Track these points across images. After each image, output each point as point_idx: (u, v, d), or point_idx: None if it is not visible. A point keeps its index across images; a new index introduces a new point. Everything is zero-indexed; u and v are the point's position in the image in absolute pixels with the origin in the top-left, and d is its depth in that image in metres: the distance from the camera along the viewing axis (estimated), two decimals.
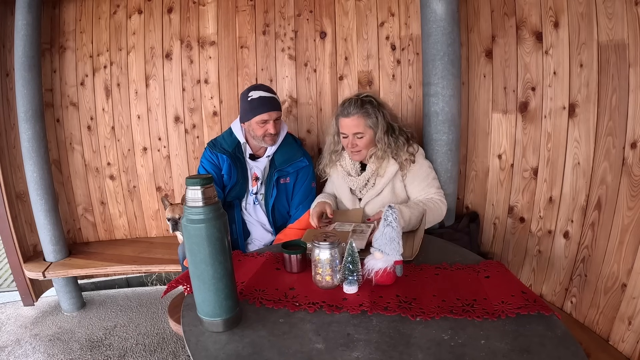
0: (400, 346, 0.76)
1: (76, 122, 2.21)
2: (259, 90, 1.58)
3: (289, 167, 1.65)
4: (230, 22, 2.11)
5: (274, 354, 0.76)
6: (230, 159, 1.66)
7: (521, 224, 1.71)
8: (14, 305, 2.27)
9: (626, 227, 1.26)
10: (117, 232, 2.37)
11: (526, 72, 1.61)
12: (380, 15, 1.98)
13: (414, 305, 0.89)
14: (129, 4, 2.12)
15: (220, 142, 1.70)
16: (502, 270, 1.05)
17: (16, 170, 2.12)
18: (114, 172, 2.28)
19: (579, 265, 1.45)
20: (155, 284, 2.48)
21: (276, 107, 1.59)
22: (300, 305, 0.91)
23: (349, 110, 1.47)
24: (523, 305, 0.86)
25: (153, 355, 1.80)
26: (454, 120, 1.70)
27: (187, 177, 0.79)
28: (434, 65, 1.66)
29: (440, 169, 1.70)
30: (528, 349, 0.74)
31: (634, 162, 1.23)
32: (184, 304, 0.94)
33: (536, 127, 1.59)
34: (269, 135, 1.58)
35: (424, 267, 1.09)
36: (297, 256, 1.08)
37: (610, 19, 1.27)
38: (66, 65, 2.15)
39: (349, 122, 1.47)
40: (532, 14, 1.56)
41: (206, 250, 0.78)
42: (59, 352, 1.83)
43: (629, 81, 1.23)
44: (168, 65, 2.17)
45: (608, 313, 1.32)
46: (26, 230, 2.17)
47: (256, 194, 1.70)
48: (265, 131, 1.57)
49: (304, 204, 1.66)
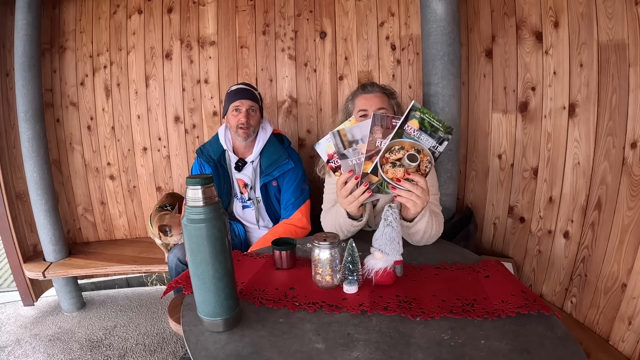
0: (400, 346, 0.76)
1: (76, 122, 2.22)
2: (240, 84, 1.66)
3: (274, 170, 1.63)
4: (230, 22, 2.11)
5: (274, 353, 0.75)
6: (214, 169, 1.66)
7: (521, 224, 1.71)
8: (14, 305, 2.27)
9: (626, 227, 1.26)
10: (117, 232, 2.37)
11: (526, 72, 1.61)
12: (380, 15, 1.98)
13: (414, 305, 0.89)
14: (129, 4, 2.12)
15: (207, 148, 1.70)
16: (501, 270, 1.05)
17: (16, 170, 2.12)
18: (114, 172, 2.28)
19: (579, 265, 1.45)
20: (155, 284, 2.48)
21: (250, 97, 1.61)
22: (300, 305, 0.91)
23: (372, 88, 1.38)
24: (523, 305, 0.86)
25: (153, 355, 1.80)
26: (454, 120, 1.70)
27: (188, 177, 0.79)
28: (434, 65, 1.66)
29: (440, 169, 1.70)
30: (528, 349, 0.74)
31: (634, 162, 1.23)
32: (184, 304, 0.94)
33: (536, 127, 1.59)
34: (241, 126, 1.58)
35: (424, 267, 1.09)
36: (287, 252, 1.09)
37: (610, 19, 1.27)
38: (66, 65, 2.15)
39: (372, 97, 1.35)
40: (532, 13, 1.56)
41: (206, 250, 0.78)
42: (59, 352, 1.83)
43: (629, 81, 1.23)
44: (168, 65, 2.17)
45: (608, 313, 1.32)
46: (26, 230, 2.17)
47: (250, 199, 1.70)
48: (237, 121, 1.58)
49: (294, 204, 1.64)
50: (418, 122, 0.97)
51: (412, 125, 0.97)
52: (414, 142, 0.98)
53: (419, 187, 1.01)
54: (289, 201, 1.64)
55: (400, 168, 1.00)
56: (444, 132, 0.98)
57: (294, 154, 1.71)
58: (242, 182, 1.69)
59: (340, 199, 1.10)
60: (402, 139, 0.97)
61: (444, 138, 0.98)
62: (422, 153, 0.99)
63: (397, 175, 1.01)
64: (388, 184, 1.02)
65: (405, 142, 0.97)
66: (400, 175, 1.00)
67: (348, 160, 1.05)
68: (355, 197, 1.05)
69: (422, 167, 1.01)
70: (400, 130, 0.98)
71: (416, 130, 0.97)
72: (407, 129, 0.97)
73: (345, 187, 1.06)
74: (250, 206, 1.72)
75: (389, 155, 0.99)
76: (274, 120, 2.16)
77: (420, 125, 0.97)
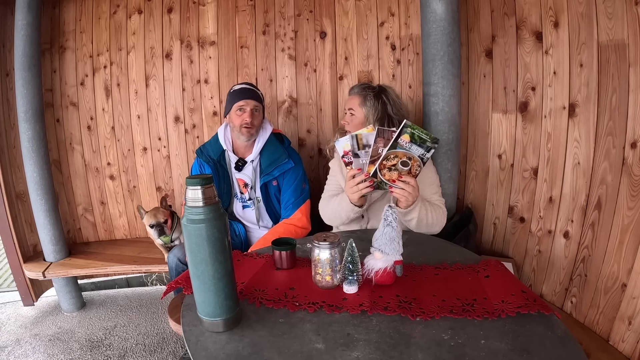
0: (400, 346, 0.76)
1: (76, 122, 2.22)
2: (242, 84, 1.67)
3: (274, 170, 1.63)
4: (230, 22, 2.11)
5: (274, 353, 0.75)
6: (214, 169, 1.66)
7: (521, 224, 1.71)
8: (14, 305, 2.27)
9: (626, 227, 1.26)
10: (117, 232, 2.37)
11: (526, 72, 1.61)
12: (380, 15, 1.98)
13: (414, 305, 0.89)
14: (129, 4, 2.12)
15: (207, 148, 1.70)
16: (501, 270, 1.05)
17: (16, 170, 2.12)
18: (114, 172, 2.28)
19: (579, 265, 1.45)
20: (155, 284, 2.48)
21: (254, 97, 1.62)
22: (300, 305, 0.91)
23: (353, 89, 1.60)
24: (523, 305, 0.86)
25: (153, 355, 1.80)
26: (454, 120, 1.70)
27: (188, 177, 0.79)
28: (434, 65, 1.66)
29: (440, 169, 1.70)
30: (528, 349, 0.74)
31: (634, 162, 1.23)
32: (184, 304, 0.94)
33: (536, 127, 1.59)
34: (246, 126, 1.59)
35: (424, 267, 1.09)
36: (287, 252, 1.09)
37: (610, 19, 1.27)
38: (66, 65, 2.15)
39: (349, 98, 1.60)
40: (532, 13, 1.56)
41: (206, 250, 0.78)
42: (59, 352, 1.83)
43: (629, 81, 1.23)
44: (168, 65, 2.17)
45: (608, 313, 1.32)
46: (26, 230, 2.17)
47: (250, 199, 1.70)
48: (242, 120, 1.59)
49: (294, 204, 1.64)
50: (409, 135, 1.21)
51: (404, 139, 1.22)
52: (405, 151, 1.23)
53: (410, 186, 1.25)
54: (289, 201, 1.64)
55: (395, 172, 1.25)
56: (430, 143, 1.23)
57: (294, 153, 1.71)
58: (243, 181, 1.69)
59: (347, 187, 1.33)
60: (396, 149, 1.23)
61: (431, 147, 1.23)
62: (413, 159, 1.24)
63: (392, 177, 1.26)
64: (386, 183, 1.27)
65: (399, 152, 1.24)
66: (395, 177, 1.26)
67: (360, 159, 1.28)
68: (359, 188, 1.28)
69: (412, 171, 1.26)
70: (395, 142, 1.22)
71: (407, 142, 1.22)
72: (400, 141, 1.22)
73: (354, 180, 1.29)
74: (250, 206, 1.72)
75: (385, 162, 1.24)
76: (274, 120, 2.16)
77: (410, 138, 1.22)
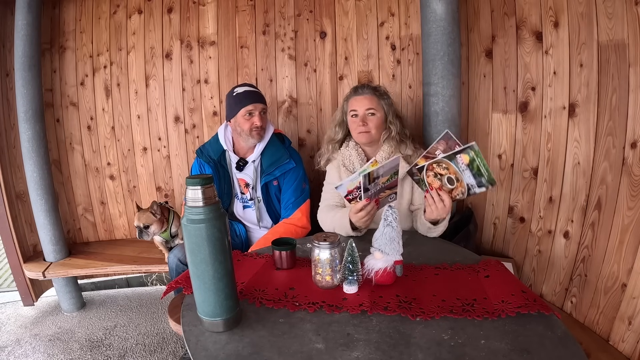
0: (400, 346, 0.76)
1: (76, 122, 2.22)
2: (244, 86, 1.64)
3: (275, 170, 1.63)
4: (230, 22, 2.11)
5: (274, 353, 0.76)
6: (214, 169, 1.66)
7: (521, 224, 1.71)
8: (14, 305, 2.27)
9: (626, 227, 1.26)
10: (117, 232, 2.37)
11: (526, 72, 1.61)
12: (380, 15, 1.98)
13: (414, 305, 0.89)
14: (129, 4, 2.12)
15: (207, 148, 1.70)
16: (501, 270, 1.05)
17: (16, 170, 2.12)
18: (114, 172, 2.28)
19: (579, 265, 1.45)
20: (155, 284, 2.48)
21: (261, 100, 1.62)
22: (300, 305, 0.91)
23: (362, 90, 1.48)
24: (523, 305, 0.86)
25: (153, 355, 1.80)
26: (454, 120, 1.70)
27: (187, 177, 0.79)
28: (434, 65, 1.66)
29: None
30: (528, 349, 0.74)
31: (634, 162, 1.23)
32: (184, 304, 0.94)
33: (536, 127, 1.59)
34: (256, 129, 1.59)
35: (424, 267, 1.09)
36: (287, 252, 1.10)
37: (610, 19, 1.27)
38: (66, 65, 2.15)
39: (361, 99, 1.46)
40: (532, 13, 1.56)
41: (206, 250, 0.78)
42: (59, 352, 1.83)
43: (629, 81, 1.23)
44: (168, 65, 2.17)
45: (608, 313, 1.32)
46: (26, 230, 2.17)
47: (251, 199, 1.70)
48: (251, 124, 1.58)
49: (294, 204, 1.64)
50: (469, 159, 1.13)
51: (463, 159, 1.14)
52: (457, 170, 1.16)
53: (442, 204, 1.20)
54: (289, 201, 1.64)
55: (439, 181, 1.20)
56: (486, 181, 1.13)
57: (294, 153, 1.71)
58: (244, 181, 1.69)
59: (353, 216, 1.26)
60: (451, 162, 1.16)
61: (485, 185, 1.14)
62: (460, 183, 1.17)
63: (434, 184, 1.21)
64: (425, 184, 1.23)
65: (452, 166, 1.16)
66: (436, 186, 1.21)
67: (369, 192, 1.21)
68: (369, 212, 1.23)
69: (454, 193, 1.20)
70: (453, 156, 1.15)
71: (464, 164, 1.14)
72: (458, 158, 1.14)
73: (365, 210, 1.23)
74: (251, 206, 1.72)
75: (435, 166, 1.18)
76: (274, 120, 2.16)
77: (469, 162, 1.13)
